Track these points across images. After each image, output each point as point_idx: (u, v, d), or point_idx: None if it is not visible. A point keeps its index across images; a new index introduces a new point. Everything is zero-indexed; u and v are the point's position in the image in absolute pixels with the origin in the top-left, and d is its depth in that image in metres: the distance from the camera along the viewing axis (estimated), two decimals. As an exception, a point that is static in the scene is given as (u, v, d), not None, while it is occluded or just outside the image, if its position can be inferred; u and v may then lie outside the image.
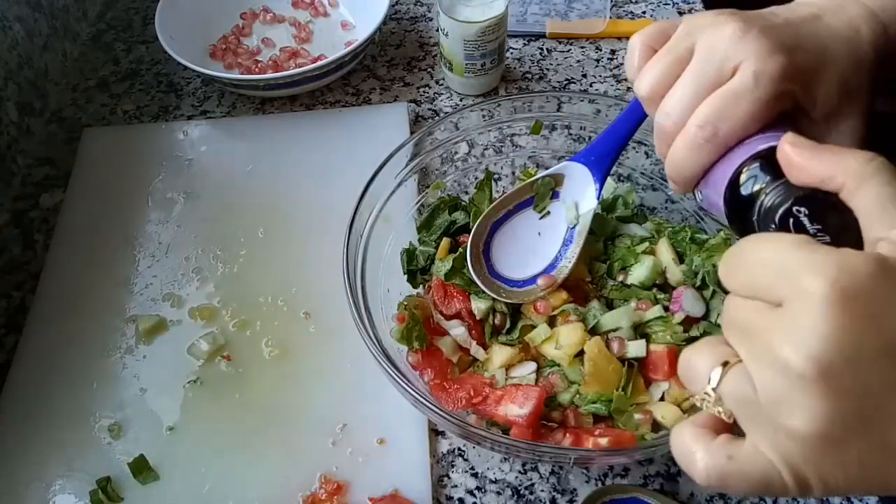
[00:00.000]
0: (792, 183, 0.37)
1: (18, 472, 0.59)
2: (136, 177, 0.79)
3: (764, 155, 0.39)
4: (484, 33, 0.77)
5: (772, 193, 0.38)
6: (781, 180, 0.38)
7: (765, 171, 0.39)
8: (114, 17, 0.99)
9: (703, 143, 0.41)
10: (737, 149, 0.41)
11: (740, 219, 0.40)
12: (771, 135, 0.40)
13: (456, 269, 0.62)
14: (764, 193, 0.38)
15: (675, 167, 0.43)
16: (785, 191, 0.37)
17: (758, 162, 0.39)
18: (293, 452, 0.59)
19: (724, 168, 0.41)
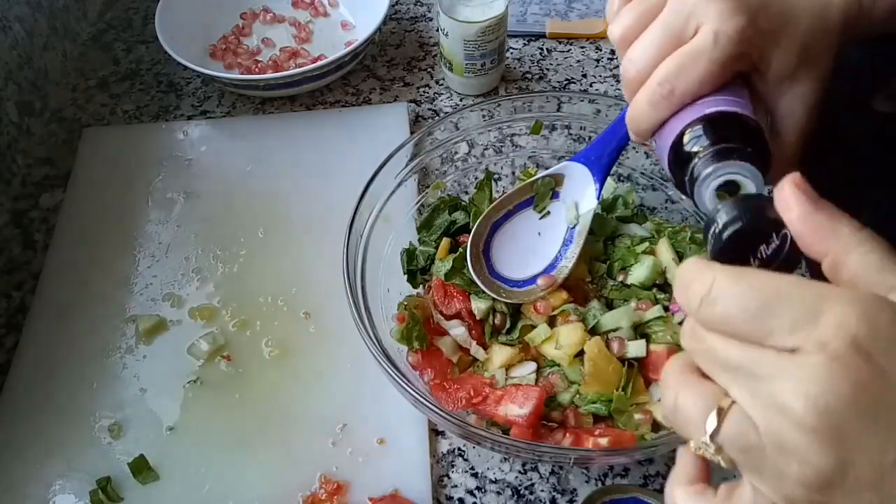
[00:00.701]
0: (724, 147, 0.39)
1: (18, 472, 0.59)
2: (136, 177, 0.79)
3: (708, 118, 0.40)
4: (484, 33, 0.77)
5: (704, 159, 0.39)
6: (716, 147, 0.39)
7: (705, 135, 0.40)
8: (114, 17, 0.99)
9: (661, 99, 0.42)
10: (690, 107, 0.42)
11: (678, 175, 0.42)
12: (723, 98, 0.41)
13: (456, 269, 0.62)
14: (698, 157, 0.40)
15: (634, 118, 0.44)
16: (713, 160, 0.39)
17: (700, 125, 0.40)
18: (293, 452, 0.59)
19: (674, 124, 0.42)
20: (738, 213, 0.33)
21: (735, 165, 0.38)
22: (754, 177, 0.39)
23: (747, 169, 0.38)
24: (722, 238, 0.33)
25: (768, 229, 0.32)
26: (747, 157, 0.39)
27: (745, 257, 0.33)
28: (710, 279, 0.30)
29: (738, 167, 0.38)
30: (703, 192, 0.40)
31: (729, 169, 0.39)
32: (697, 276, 0.31)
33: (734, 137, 0.39)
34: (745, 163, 0.38)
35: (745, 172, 0.39)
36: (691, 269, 0.32)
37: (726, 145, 0.39)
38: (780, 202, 0.32)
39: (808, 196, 0.32)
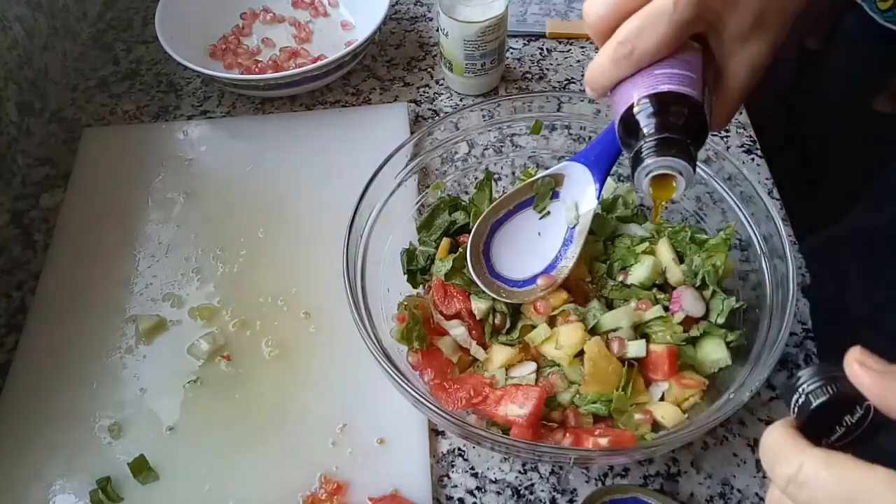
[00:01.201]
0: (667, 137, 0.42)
1: (18, 471, 0.59)
2: (136, 177, 0.79)
3: (658, 97, 0.43)
4: (484, 33, 0.77)
5: (647, 148, 0.43)
6: (659, 136, 0.42)
7: (653, 116, 0.43)
8: (114, 17, 0.99)
9: (622, 58, 0.43)
10: (647, 72, 0.44)
11: (627, 141, 0.45)
12: (676, 72, 0.43)
13: (456, 269, 0.62)
14: (644, 141, 0.43)
15: (594, 74, 0.46)
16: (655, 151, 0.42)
17: (649, 101, 0.43)
18: (293, 452, 0.59)
19: (628, 89, 0.45)
20: (821, 385, 0.34)
21: (672, 161, 0.43)
22: (687, 173, 0.43)
23: (682, 166, 0.43)
24: (808, 410, 0.34)
25: (853, 400, 0.33)
26: (685, 153, 0.43)
27: (831, 426, 0.34)
28: (799, 462, 0.31)
29: (675, 163, 0.43)
30: (640, 178, 0.44)
31: (667, 164, 0.43)
32: (786, 455, 0.32)
33: (678, 127, 0.43)
34: (680, 160, 0.42)
35: (681, 168, 0.43)
36: (780, 445, 0.33)
37: (669, 136, 0.43)
38: (851, 377, 0.33)
39: (876, 368, 0.32)
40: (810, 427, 0.34)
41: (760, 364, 0.52)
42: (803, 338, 0.65)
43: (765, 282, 0.58)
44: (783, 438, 0.33)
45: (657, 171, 0.43)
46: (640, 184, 0.44)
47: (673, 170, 0.43)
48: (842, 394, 0.33)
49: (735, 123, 0.81)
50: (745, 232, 0.61)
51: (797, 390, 0.35)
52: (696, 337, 0.58)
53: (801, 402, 0.34)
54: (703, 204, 0.66)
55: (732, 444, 0.59)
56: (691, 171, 0.43)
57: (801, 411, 0.34)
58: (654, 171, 0.43)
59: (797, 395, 0.34)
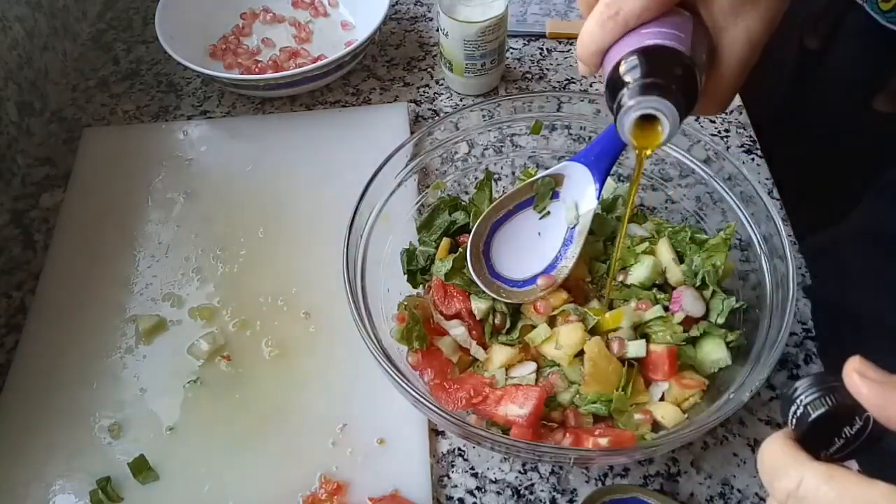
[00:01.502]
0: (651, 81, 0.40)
1: (18, 471, 0.59)
2: (136, 177, 0.79)
3: (644, 50, 0.42)
4: (484, 33, 0.77)
5: (630, 91, 0.41)
6: (643, 80, 0.41)
7: (638, 67, 0.41)
8: (114, 17, 0.99)
9: (607, 19, 0.43)
10: (634, 34, 0.43)
11: (612, 96, 0.43)
12: (663, 31, 0.42)
13: (456, 269, 0.62)
14: (626, 88, 0.41)
15: (582, 42, 0.45)
16: (637, 93, 0.41)
17: (635, 56, 0.42)
18: (293, 452, 0.59)
19: (615, 53, 0.44)
20: (819, 396, 0.34)
21: (655, 101, 0.41)
22: (671, 114, 0.41)
23: (665, 106, 0.41)
24: (806, 422, 0.33)
25: (852, 411, 0.33)
26: (669, 94, 0.41)
27: (830, 438, 0.33)
28: (799, 477, 0.31)
29: (658, 103, 0.41)
30: (624, 122, 0.42)
31: (649, 104, 0.41)
32: (786, 470, 0.32)
33: (662, 73, 0.41)
34: (664, 100, 0.40)
35: (664, 109, 0.41)
36: (779, 458, 0.32)
37: (653, 80, 0.41)
38: (850, 387, 0.32)
39: (875, 378, 0.32)
40: (809, 439, 0.33)
41: (760, 364, 0.52)
42: (803, 338, 0.65)
43: (765, 282, 0.58)
44: (782, 452, 0.33)
45: (640, 110, 0.41)
46: (623, 128, 0.42)
47: (656, 110, 0.41)
48: (840, 405, 0.33)
49: (735, 123, 0.81)
50: (745, 232, 0.61)
51: (795, 401, 0.34)
52: (696, 337, 0.58)
53: (799, 414, 0.34)
54: (703, 204, 0.66)
55: (732, 444, 0.59)
56: (676, 113, 0.41)
57: (799, 423, 0.34)
58: (638, 110, 0.41)
59: (795, 407, 0.34)
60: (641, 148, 0.46)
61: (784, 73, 1.17)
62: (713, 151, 0.63)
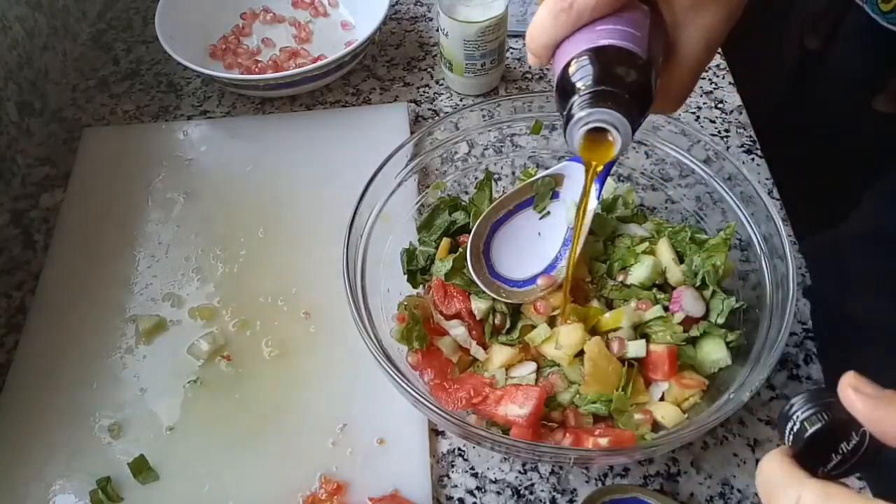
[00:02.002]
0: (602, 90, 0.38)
1: (18, 471, 0.59)
2: (136, 177, 0.79)
3: (597, 51, 0.40)
4: (484, 33, 0.77)
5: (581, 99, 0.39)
6: (595, 88, 0.38)
7: (590, 70, 0.39)
8: (114, 17, 0.99)
9: (560, 12, 0.41)
10: (587, 31, 0.41)
11: (562, 101, 0.41)
12: (619, 28, 0.40)
13: (456, 269, 0.62)
14: (578, 94, 0.39)
15: (533, 34, 0.43)
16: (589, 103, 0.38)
17: (587, 56, 0.40)
18: (293, 452, 0.59)
19: (567, 49, 0.41)
20: (815, 412, 0.34)
21: (606, 113, 0.38)
22: (623, 127, 0.39)
23: (617, 119, 0.38)
24: (803, 438, 0.33)
25: (848, 427, 0.33)
26: (621, 104, 0.38)
27: (827, 454, 0.33)
28: (797, 495, 0.31)
29: (609, 115, 0.38)
30: (573, 134, 0.40)
31: (599, 116, 0.38)
32: (783, 488, 0.32)
33: (615, 80, 0.39)
34: (616, 112, 0.38)
35: (615, 122, 0.38)
36: (777, 475, 0.32)
37: (605, 88, 0.39)
38: (845, 403, 0.32)
39: (870, 394, 0.32)
40: (806, 455, 0.33)
41: (760, 364, 0.52)
42: (803, 338, 0.65)
43: (765, 282, 0.58)
44: (780, 469, 0.32)
45: (591, 124, 0.38)
46: (572, 141, 0.40)
47: (607, 123, 0.38)
48: (836, 421, 0.33)
49: (735, 123, 0.81)
50: (745, 232, 0.61)
51: (791, 418, 0.34)
52: (696, 337, 0.58)
53: (795, 431, 0.34)
54: (703, 204, 0.66)
55: (732, 444, 0.59)
56: (628, 126, 0.38)
57: (795, 440, 0.34)
58: (588, 123, 0.38)
59: (791, 424, 0.34)
60: (590, 162, 0.43)
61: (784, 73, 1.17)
62: (713, 151, 0.63)
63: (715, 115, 0.82)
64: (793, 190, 0.76)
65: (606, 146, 0.40)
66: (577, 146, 0.40)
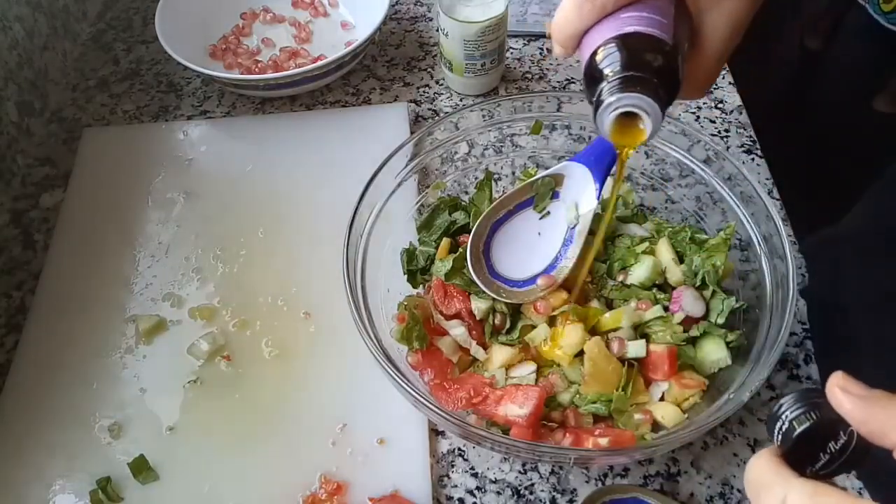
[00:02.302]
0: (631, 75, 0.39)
1: (18, 471, 0.59)
2: (136, 177, 0.79)
3: (623, 38, 0.40)
4: (484, 33, 0.77)
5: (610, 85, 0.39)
6: (623, 74, 0.39)
7: (617, 57, 0.40)
8: (114, 17, 0.99)
9: (584, 2, 0.41)
10: (613, 19, 0.41)
11: (590, 88, 0.41)
12: (645, 15, 0.40)
13: (456, 269, 0.62)
14: (606, 81, 0.40)
15: (558, 24, 0.43)
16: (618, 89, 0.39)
17: (615, 44, 0.40)
18: (293, 452, 0.59)
19: (593, 38, 0.42)
20: (804, 412, 0.34)
21: (636, 98, 0.39)
22: (653, 111, 0.39)
23: (647, 103, 0.39)
24: (791, 437, 0.34)
25: (836, 426, 0.33)
26: (650, 88, 0.39)
27: (815, 454, 0.33)
28: (784, 493, 0.31)
29: (639, 100, 0.39)
30: (603, 120, 0.40)
31: (630, 101, 0.39)
32: (771, 486, 0.32)
33: (643, 65, 0.39)
34: (646, 97, 0.39)
35: (645, 106, 0.39)
36: (764, 474, 0.33)
37: (633, 73, 0.39)
38: (832, 402, 0.33)
39: (858, 393, 0.32)
40: (794, 455, 0.33)
41: (760, 364, 0.52)
42: (803, 338, 0.65)
43: (765, 282, 0.58)
44: (768, 468, 0.33)
45: (621, 108, 0.39)
46: (603, 127, 0.41)
47: (637, 107, 0.39)
48: (824, 420, 0.33)
49: (735, 123, 0.81)
50: (745, 232, 0.61)
51: (780, 418, 0.34)
52: (696, 337, 0.58)
53: (784, 430, 0.34)
54: (703, 204, 0.66)
55: (732, 444, 0.59)
56: (658, 110, 0.39)
57: (784, 439, 0.34)
58: (618, 108, 0.39)
59: (780, 423, 0.34)
60: (622, 147, 0.44)
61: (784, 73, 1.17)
62: (713, 151, 0.63)
63: (715, 115, 0.82)
64: (793, 190, 0.76)
65: (636, 131, 0.41)
66: (607, 131, 0.41)
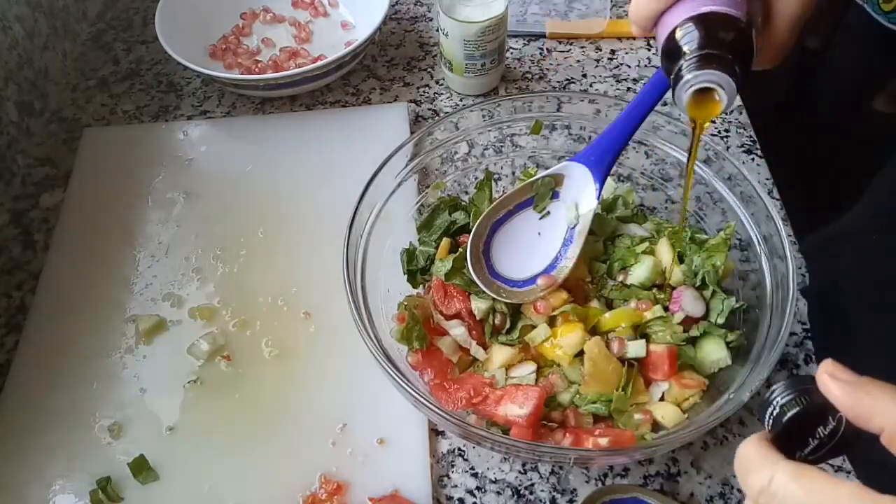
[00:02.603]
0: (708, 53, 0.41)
1: (18, 472, 0.59)
2: (136, 177, 0.79)
3: (700, 18, 0.42)
4: (484, 33, 0.77)
5: (688, 63, 0.42)
6: (700, 52, 0.42)
7: (694, 36, 0.42)
8: (114, 17, 0.99)
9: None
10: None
11: (669, 67, 0.44)
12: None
13: (456, 269, 0.62)
14: (684, 59, 0.42)
15: (637, 5, 0.45)
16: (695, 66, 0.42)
17: (692, 23, 0.42)
18: (293, 452, 0.59)
19: (671, 17, 0.44)
20: (794, 397, 0.34)
21: (713, 74, 0.41)
22: (729, 87, 0.42)
23: (723, 79, 0.42)
24: (781, 422, 0.34)
25: (825, 412, 0.33)
26: (727, 65, 0.41)
27: (805, 438, 0.34)
28: (770, 474, 0.32)
29: (716, 76, 0.41)
30: (681, 95, 0.43)
31: (707, 77, 0.42)
32: (758, 467, 0.33)
33: (720, 43, 0.42)
34: (722, 73, 0.41)
35: (721, 82, 0.42)
36: (752, 456, 0.33)
37: (710, 52, 0.42)
38: (821, 388, 0.33)
39: (846, 379, 0.33)
40: (784, 439, 0.34)
41: (760, 364, 0.52)
42: (803, 338, 0.65)
43: (765, 282, 0.58)
44: (756, 451, 0.33)
45: (698, 84, 0.42)
46: (681, 102, 0.43)
47: (714, 83, 0.42)
48: (814, 405, 0.34)
49: (735, 123, 0.81)
50: (745, 232, 0.61)
51: (771, 403, 0.35)
52: (696, 337, 0.58)
53: (774, 415, 0.35)
54: (703, 204, 0.66)
55: (732, 444, 0.59)
56: (734, 85, 0.42)
57: (774, 424, 0.34)
58: (695, 85, 0.42)
59: (771, 408, 0.35)
60: (698, 119, 0.46)
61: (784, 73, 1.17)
62: (713, 151, 0.63)
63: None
64: (793, 190, 0.76)
65: (711, 104, 0.44)
66: (685, 106, 0.44)
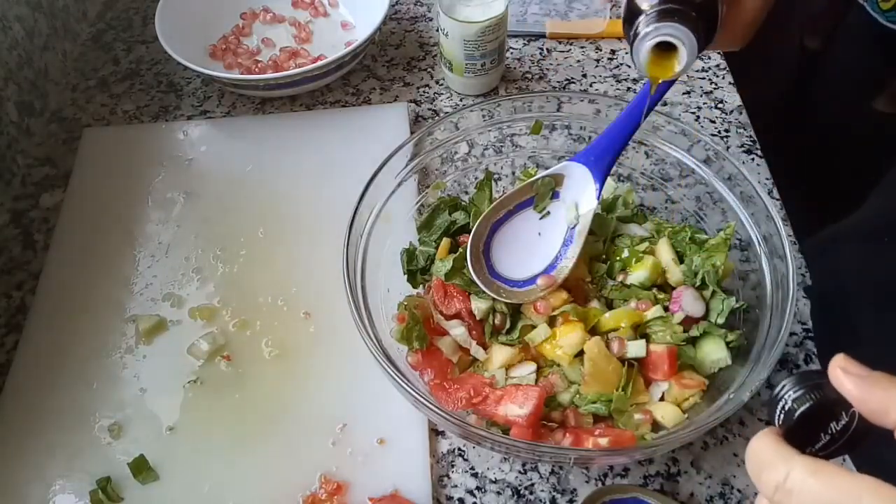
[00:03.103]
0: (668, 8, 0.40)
1: (18, 472, 0.59)
2: (136, 177, 0.79)
3: None
4: (484, 33, 0.77)
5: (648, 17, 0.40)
6: (661, 7, 0.40)
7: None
8: (114, 17, 0.99)
9: None
10: None
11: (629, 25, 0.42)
12: None
13: (456, 269, 0.62)
14: (644, 14, 0.41)
15: None
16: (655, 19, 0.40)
17: None
18: (293, 452, 0.59)
19: None
20: (805, 392, 0.34)
21: (672, 27, 0.40)
22: (689, 42, 0.40)
23: (683, 33, 0.40)
24: (793, 418, 0.34)
25: (837, 407, 0.33)
26: (688, 20, 0.39)
27: (816, 434, 0.34)
28: (787, 470, 0.31)
29: (675, 30, 0.40)
30: (639, 49, 0.41)
31: (666, 30, 0.40)
32: (773, 463, 0.32)
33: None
34: (682, 26, 0.39)
35: (682, 36, 0.40)
36: (766, 453, 0.33)
37: (671, 6, 0.40)
38: (833, 382, 0.33)
39: (858, 373, 0.32)
40: (795, 435, 0.33)
41: (760, 364, 0.52)
42: (803, 338, 0.65)
43: (765, 282, 0.58)
44: (769, 446, 0.33)
45: (656, 38, 0.40)
46: (639, 58, 0.41)
47: (673, 37, 0.40)
48: (826, 400, 0.33)
49: (735, 123, 0.81)
50: (745, 232, 0.61)
51: (782, 398, 0.34)
52: (696, 337, 0.58)
53: (786, 410, 0.34)
54: (703, 204, 0.66)
55: (732, 444, 0.59)
56: (694, 40, 0.40)
57: (786, 419, 0.34)
58: (654, 38, 0.40)
59: (782, 403, 0.34)
60: (657, 78, 0.44)
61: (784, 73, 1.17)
62: (713, 151, 0.63)
63: (715, 115, 0.82)
64: (793, 190, 0.76)
65: (671, 62, 0.42)
66: (643, 62, 0.41)
